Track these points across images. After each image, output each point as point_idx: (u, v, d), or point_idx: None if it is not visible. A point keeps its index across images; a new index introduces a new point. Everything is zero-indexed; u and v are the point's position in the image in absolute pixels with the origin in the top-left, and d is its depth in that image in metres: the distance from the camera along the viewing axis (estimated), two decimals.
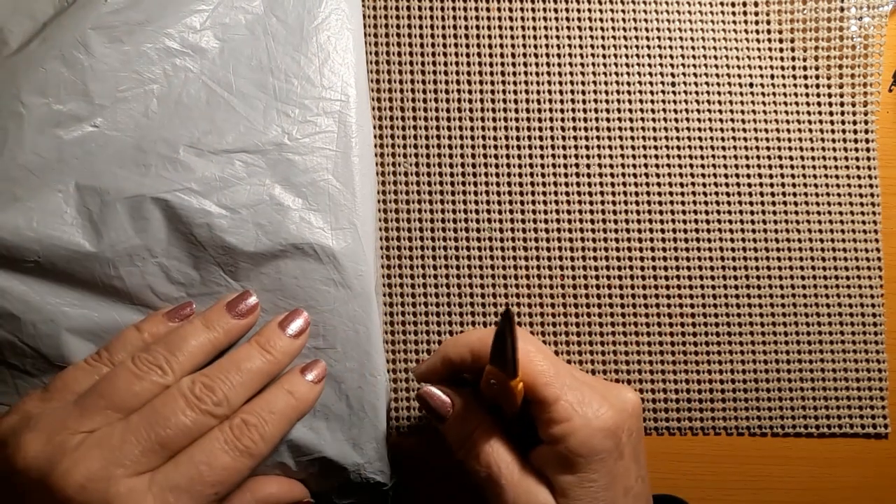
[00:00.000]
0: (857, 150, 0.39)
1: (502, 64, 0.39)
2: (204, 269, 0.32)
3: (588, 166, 0.39)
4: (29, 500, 0.26)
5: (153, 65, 0.32)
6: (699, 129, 0.39)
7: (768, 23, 0.40)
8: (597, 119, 0.39)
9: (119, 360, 0.29)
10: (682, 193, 0.39)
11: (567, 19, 0.39)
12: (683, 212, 0.39)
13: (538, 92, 0.39)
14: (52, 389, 0.29)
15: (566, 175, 0.39)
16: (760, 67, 0.39)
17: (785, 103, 0.39)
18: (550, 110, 0.39)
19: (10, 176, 0.30)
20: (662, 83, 0.39)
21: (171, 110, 0.32)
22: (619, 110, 0.39)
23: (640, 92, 0.39)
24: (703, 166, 0.39)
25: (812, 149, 0.39)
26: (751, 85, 0.39)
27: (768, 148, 0.39)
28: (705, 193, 0.39)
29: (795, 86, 0.40)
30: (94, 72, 0.32)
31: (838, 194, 0.39)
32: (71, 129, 0.31)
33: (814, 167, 0.39)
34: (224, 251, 0.32)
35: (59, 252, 0.30)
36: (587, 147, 0.39)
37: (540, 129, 0.39)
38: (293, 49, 0.33)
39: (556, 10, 0.39)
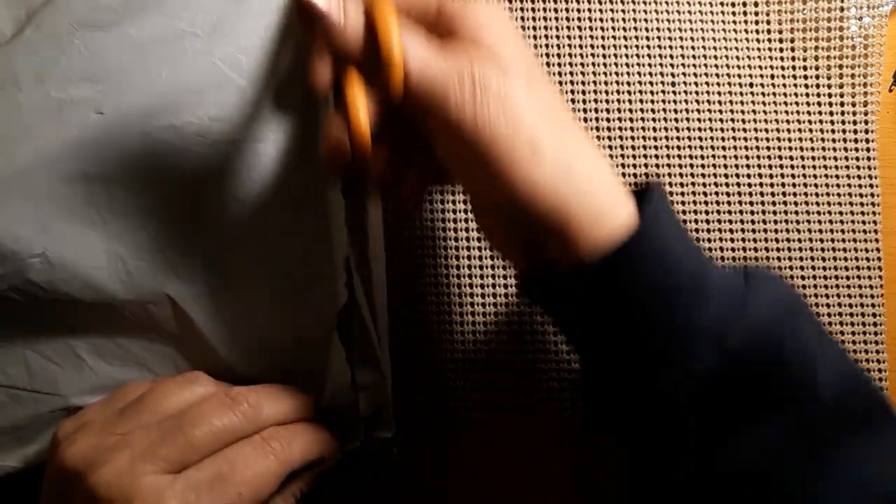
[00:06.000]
0: (857, 150, 0.39)
1: None
2: (210, 257, 0.32)
3: None
4: (70, 498, 0.27)
5: (158, 47, 0.31)
6: (699, 129, 0.39)
7: (768, 23, 0.40)
8: (597, 119, 0.39)
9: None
10: (682, 193, 0.39)
11: (567, 19, 0.39)
12: (684, 211, 0.39)
13: None
14: (111, 399, 0.30)
15: None
16: (760, 67, 0.39)
17: (785, 103, 0.39)
18: None
19: (12, 166, 0.30)
20: (662, 83, 0.39)
21: (180, 95, 0.31)
22: (619, 110, 0.39)
23: (640, 92, 0.39)
24: (703, 166, 0.39)
25: (812, 149, 0.39)
26: (751, 85, 0.39)
27: (768, 148, 0.39)
28: (705, 193, 0.39)
29: (795, 86, 0.40)
30: (94, 57, 0.31)
31: (838, 194, 0.39)
32: (75, 117, 0.30)
33: (814, 167, 0.39)
34: (236, 241, 0.32)
35: (66, 243, 0.30)
36: None
37: None
38: (300, 32, 0.33)
39: (556, 10, 0.39)
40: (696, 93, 0.39)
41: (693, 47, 0.39)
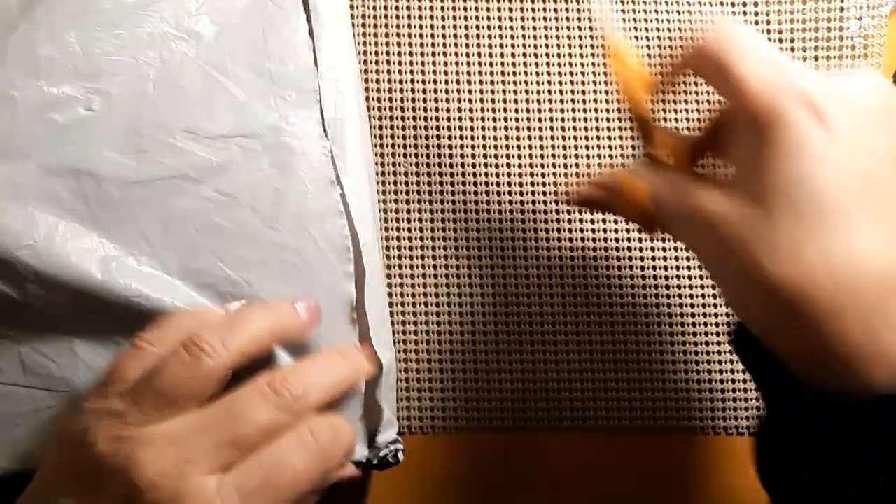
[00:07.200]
0: None
1: (502, 64, 0.39)
2: (201, 259, 0.32)
3: (588, 166, 0.39)
4: (105, 492, 0.26)
5: (149, 48, 0.32)
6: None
7: (768, 23, 0.40)
8: (597, 119, 0.39)
9: (170, 340, 0.29)
10: None
11: (567, 19, 0.39)
12: None
13: (538, 92, 0.39)
14: (106, 383, 0.28)
15: (566, 175, 0.39)
16: None
17: None
18: (550, 110, 0.39)
19: (3, 159, 0.30)
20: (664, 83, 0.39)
21: (168, 95, 0.32)
22: (618, 110, 0.39)
23: None
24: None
25: None
26: None
27: None
28: None
29: None
30: (87, 55, 0.31)
31: None
32: (66, 112, 0.31)
33: None
34: (221, 239, 0.32)
35: (55, 236, 0.30)
36: (587, 147, 0.39)
37: (540, 129, 0.39)
38: (289, 32, 0.33)
39: (556, 10, 0.39)
40: (697, 92, 0.39)
41: None
